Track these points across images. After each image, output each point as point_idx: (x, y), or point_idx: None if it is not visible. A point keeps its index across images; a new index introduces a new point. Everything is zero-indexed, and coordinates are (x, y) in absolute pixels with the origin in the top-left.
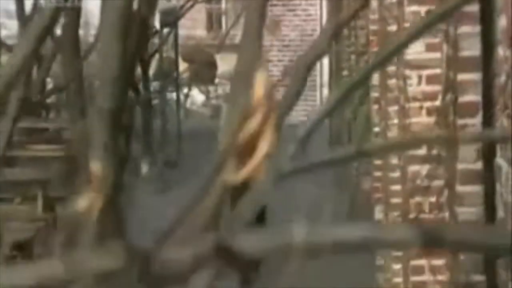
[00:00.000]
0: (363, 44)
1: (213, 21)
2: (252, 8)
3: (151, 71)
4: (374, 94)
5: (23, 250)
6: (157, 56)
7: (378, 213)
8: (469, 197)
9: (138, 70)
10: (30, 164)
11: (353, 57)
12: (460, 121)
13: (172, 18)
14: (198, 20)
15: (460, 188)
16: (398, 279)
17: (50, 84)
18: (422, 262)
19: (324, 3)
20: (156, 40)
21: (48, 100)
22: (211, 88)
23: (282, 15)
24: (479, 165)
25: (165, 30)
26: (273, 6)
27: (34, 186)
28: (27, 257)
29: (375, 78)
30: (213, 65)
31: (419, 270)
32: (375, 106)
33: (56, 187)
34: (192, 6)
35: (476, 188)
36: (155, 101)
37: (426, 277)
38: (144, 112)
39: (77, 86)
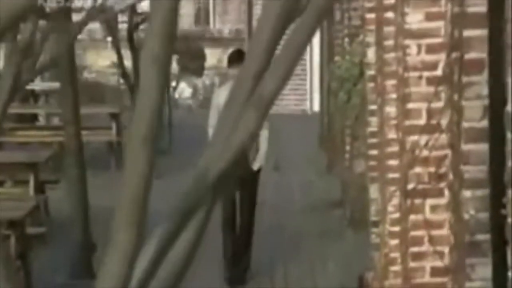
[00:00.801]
0: (357, 26)
1: (200, 16)
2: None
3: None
4: (370, 72)
5: (15, 227)
6: None
7: (373, 192)
8: (475, 156)
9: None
10: (20, 148)
11: (346, 39)
12: (466, 79)
13: None
14: (185, 15)
15: (465, 147)
16: (395, 254)
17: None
18: (421, 233)
19: None
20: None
21: (38, 87)
22: (199, 81)
23: None
24: (485, 123)
25: None
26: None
27: (25, 170)
28: (20, 235)
29: (371, 55)
30: (201, 57)
31: (418, 241)
32: (371, 84)
33: (46, 171)
34: None
35: (482, 147)
36: None
37: (425, 248)
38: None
39: (67, 73)
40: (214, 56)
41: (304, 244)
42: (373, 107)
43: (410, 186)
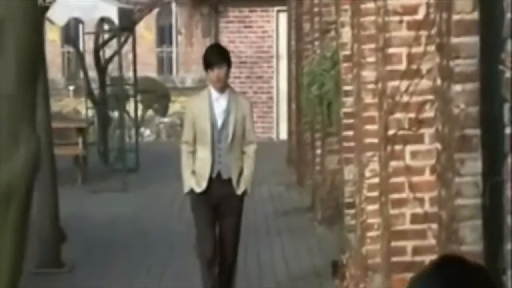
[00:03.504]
0: (329, 22)
1: (163, 65)
2: None
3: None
4: (344, 53)
5: None
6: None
7: (348, 174)
8: (465, 49)
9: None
10: None
11: (316, 35)
12: None
13: (129, 22)
14: (149, 64)
15: (455, 39)
16: (372, 220)
17: None
18: (402, 179)
19: (280, 21)
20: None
21: None
22: (162, 124)
23: (238, 31)
24: (475, 15)
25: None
26: (229, 22)
27: None
28: None
29: (346, 35)
30: (166, 97)
31: (398, 188)
32: (345, 64)
33: None
34: (150, 10)
35: (472, 39)
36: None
37: (405, 194)
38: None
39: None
40: (177, 104)
41: (277, 240)
42: (348, 87)
43: (391, 132)
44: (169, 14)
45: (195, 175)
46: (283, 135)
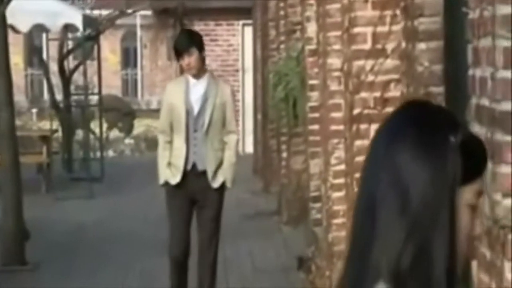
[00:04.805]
0: (294, 22)
1: (128, 87)
2: None
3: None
4: (310, 47)
5: None
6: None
7: (314, 167)
8: (429, 7)
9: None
10: None
11: (282, 38)
12: None
13: (94, 30)
14: (113, 86)
15: None
16: (338, 207)
17: None
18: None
19: (246, 34)
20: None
21: None
22: (126, 145)
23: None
24: None
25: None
26: None
27: None
28: None
29: (311, 29)
30: (131, 115)
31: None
32: (311, 59)
33: None
34: (114, 20)
35: None
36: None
37: None
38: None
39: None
40: (142, 126)
41: (243, 241)
42: (314, 81)
43: (356, 111)
44: (133, 37)
45: (171, 166)
46: (249, 148)
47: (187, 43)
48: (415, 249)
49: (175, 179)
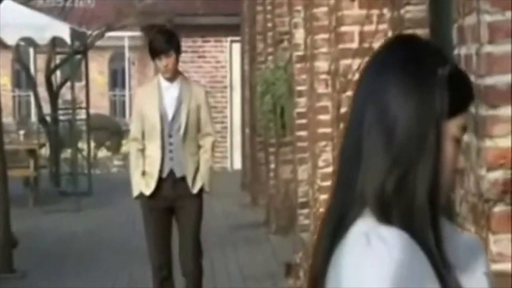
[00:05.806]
0: (282, 32)
1: (116, 108)
2: None
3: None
4: (297, 53)
5: None
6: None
7: (302, 173)
8: None
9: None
10: None
11: (270, 49)
12: None
13: (82, 44)
14: (101, 107)
15: None
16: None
17: None
18: None
19: (234, 50)
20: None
21: None
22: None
23: (191, 61)
24: None
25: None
26: (183, 52)
27: None
28: None
29: (299, 35)
30: (119, 134)
31: None
32: (298, 65)
33: None
34: (102, 35)
35: None
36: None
37: None
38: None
39: None
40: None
41: (231, 250)
42: (301, 87)
43: (343, 110)
44: (122, 58)
45: (145, 175)
46: (237, 164)
47: (168, 45)
48: (398, 178)
49: (149, 189)
